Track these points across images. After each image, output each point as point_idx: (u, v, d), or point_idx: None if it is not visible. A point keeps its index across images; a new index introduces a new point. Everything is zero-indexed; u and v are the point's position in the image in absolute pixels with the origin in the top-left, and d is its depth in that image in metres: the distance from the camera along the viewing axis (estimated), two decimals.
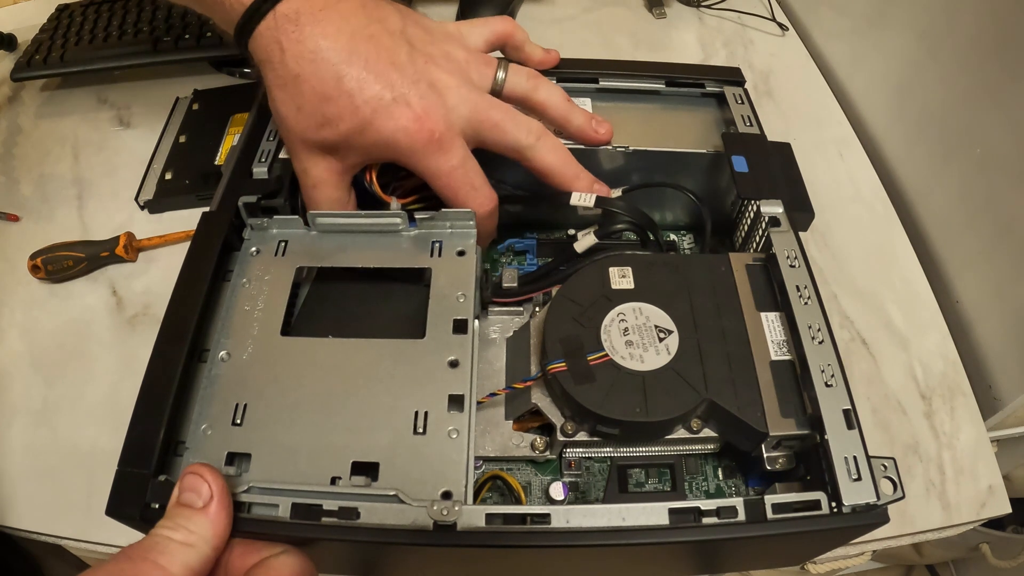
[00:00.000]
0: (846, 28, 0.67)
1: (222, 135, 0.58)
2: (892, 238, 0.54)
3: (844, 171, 0.58)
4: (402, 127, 0.35)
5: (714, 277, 0.37)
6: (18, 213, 0.56)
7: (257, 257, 0.38)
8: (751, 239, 0.41)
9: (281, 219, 0.38)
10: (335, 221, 0.38)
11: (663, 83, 0.46)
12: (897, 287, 0.51)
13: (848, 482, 0.29)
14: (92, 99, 0.65)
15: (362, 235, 0.38)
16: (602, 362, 0.34)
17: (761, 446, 0.33)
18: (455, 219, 0.38)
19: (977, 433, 0.45)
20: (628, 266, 0.37)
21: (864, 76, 0.64)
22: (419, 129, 0.35)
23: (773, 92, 0.64)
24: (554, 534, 0.29)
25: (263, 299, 0.36)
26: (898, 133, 0.60)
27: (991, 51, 0.49)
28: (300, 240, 0.38)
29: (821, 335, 0.33)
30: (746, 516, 0.29)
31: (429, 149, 0.36)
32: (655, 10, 0.72)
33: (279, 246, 0.38)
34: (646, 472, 0.37)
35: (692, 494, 0.37)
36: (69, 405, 0.45)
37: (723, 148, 0.42)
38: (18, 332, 0.49)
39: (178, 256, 0.36)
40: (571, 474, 0.37)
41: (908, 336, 0.49)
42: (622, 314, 0.36)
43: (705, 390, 0.33)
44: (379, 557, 0.33)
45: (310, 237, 0.38)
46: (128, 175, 0.57)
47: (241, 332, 0.35)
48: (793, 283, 0.35)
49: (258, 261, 0.38)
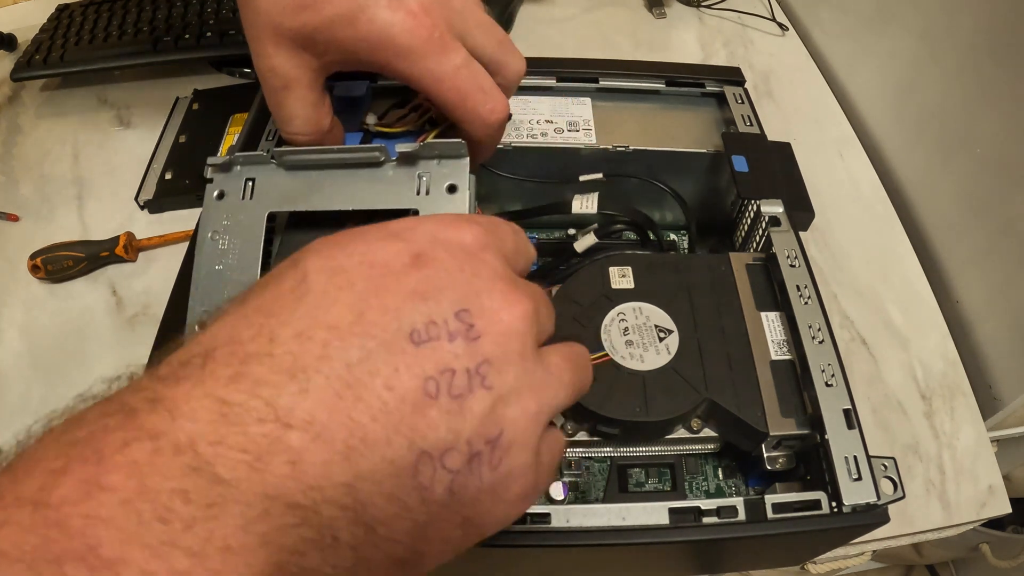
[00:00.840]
0: (846, 28, 0.67)
1: (222, 135, 0.58)
2: (892, 238, 0.54)
3: (844, 171, 0.58)
4: (400, 20, 0.30)
5: (714, 277, 0.37)
6: (18, 213, 0.56)
7: (223, 202, 0.33)
8: (751, 239, 0.41)
9: (245, 155, 0.34)
10: (305, 158, 0.33)
11: (663, 83, 0.46)
12: (897, 287, 0.51)
13: (848, 482, 0.29)
14: (92, 99, 0.65)
15: (339, 171, 0.33)
16: (602, 362, 0.34)
17: (761, 446, 0.33)
18: (444, 151, 0.33)
19: (977, 433, 0.45)
20: (628, 266, 0.37)
21: (864, 76, 0.64)
22: (419, 25, 0.30)
23: (773, 92, 0.64)
24: (554, 534, 0.29)
25: (234, 255, 0.33)
26: (898, 133, 0.60)
27: (991, 51, 0.49)
28: (269, 179, 0.33)
29: (821, 335, 0.33)
30: (746, 516, 0.29)
31: (430, 48, 0.31)
32: (655, 10, 0.72)
33: (246, 186, 0.33)
34: (646, 472, 0.37)
35: (692, 494, 0.37)
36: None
37: (723, 148, 0.42)
38: (18, 332, 0.49)
39: (178, 256, 0.36)
40: (571, 474, 0.37)
41: (908, 336, 0.49)
42: (622, 314, 0.36)
43: (705, 390, 0.33)
44: None
45: (280, 175, 0.33)
46: (128, 175, 0.57)
47: (216, 296, 0.32)
48: (793, 283, 0.35)
49: (224, 207, 0.33)
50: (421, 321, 0.20)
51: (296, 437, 0.17)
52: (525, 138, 0.43)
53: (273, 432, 0.17)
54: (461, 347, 0.20)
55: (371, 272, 0.20)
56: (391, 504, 0.18)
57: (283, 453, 0.17)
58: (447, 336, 0.20)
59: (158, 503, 0.15)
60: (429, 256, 0.21)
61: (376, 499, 0.18)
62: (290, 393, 0.18)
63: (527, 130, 0.44)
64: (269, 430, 0.17)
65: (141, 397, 0.17)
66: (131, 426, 0.17)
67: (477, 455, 0.20)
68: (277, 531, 0.17)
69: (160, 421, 0.17)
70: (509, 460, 0.21)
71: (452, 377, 0.20)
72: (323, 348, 0.18)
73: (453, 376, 0.20)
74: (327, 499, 0.17)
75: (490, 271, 0.22)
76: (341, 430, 0.18)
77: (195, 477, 0.16)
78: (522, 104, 0.45)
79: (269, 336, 0.19)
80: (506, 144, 0.42)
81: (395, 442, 0.18)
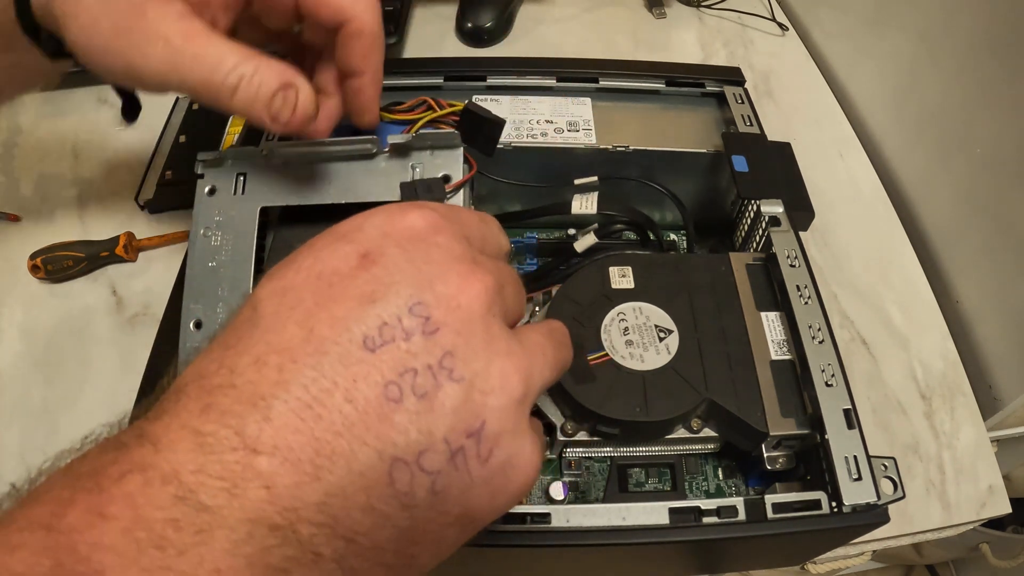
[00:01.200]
0: (846, 28, 0.67)
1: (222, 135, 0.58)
2: (892, 238, 0.54)
3: (844, 171, 0.58)
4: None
5: (714, 277, 0.37)
6: (18, 213, 0.56)
7: (214, 198, 0.33)
8: (751, 239, 0.41)
9: (236, 149, 0.34)
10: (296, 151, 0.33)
11: (663, 83, 0.46)
12: (897, 287, 0.51)
13: (848, 482, 0.29)
14: (92, 99, 0.65)
15: (331, 164, 0.33)
16: (602, 362, 0.34)
17: (761, 446, 0.33)
18: (436, 141, 0.33)
19: (977, 433, 0.45)
20: (628, 266, 0.37)
21: (864, 76, 0.64)
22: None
23: (773, 92, 0.64)
24: (554, 533, 0.29)
25: (227, 251, 0.32)
26: (898, 133, 0.60)
27: (991, 51, 0.49)
28: (261, 174, 0.33)
29: (821, 335, 0.33)
30: (746, 516, 0.29)
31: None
32: (655, 10, 0.72)
33: (237, 181, 0.33)
34: (646, 472, 0.37)
35: (692, 494, 0.37)
36: (69, 405, 0.45)
37: (723, 148, 0.42)
38: (18, 332, 0.49)
39: (178, 256, 0.36)
40: (571, 474, 0.37)
41: (908, 336, 0.49)
42: (622, 314, 0.36)
43: (705, 390, 0.33)
44: None
45: (271, 170, 0.33)
46: (128, 175, 0.57)
47: (210, 294, 0.32)
48: (793, 283, 0.35)
49: (215, 203, 0.33)
50: (373, 325, 0.19)
51: (265, 462, 0.17)
52: (525, 138, 0.43)
53: (244, 459, 0.17)
54: (419, 344, 0.19)
55: (319, 284, 0.20)
56: (368, 515, 0.18)
57: (256, 479, 0.17)
58: (402, 336, 0.19)
59: (153, 532, 0.16)
60: (376, 253, 0.20)
61: (352, 512, 0.18)
62: (255, 421, 0.18)
63: (527, 130, 0.44)
64: (240, 457, 0.17)
65: (131, 434, 0.18)
66: (124, 460, 0.17)
67: (460, 451, 0.19)
68: (261, 552, 0.17)
69: (147, 454, 0.17)
70: (501, 450, 0.20)
71: (414, 377, 0.19)
72: (278, 372, 0.18)
73: (415, 376, 0.19)
74: (302, 519, 0.17)
75: (443, 254, 0.21)
76: (307, 450, 0.18)
77: (182, 506, 0.17)
78: (522, 104, 0.45)
79: (230, 368, 0.19)
80: (506, 144, 0.42)
81: (362, 453, 0.18)
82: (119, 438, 0.18)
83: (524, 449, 0.20)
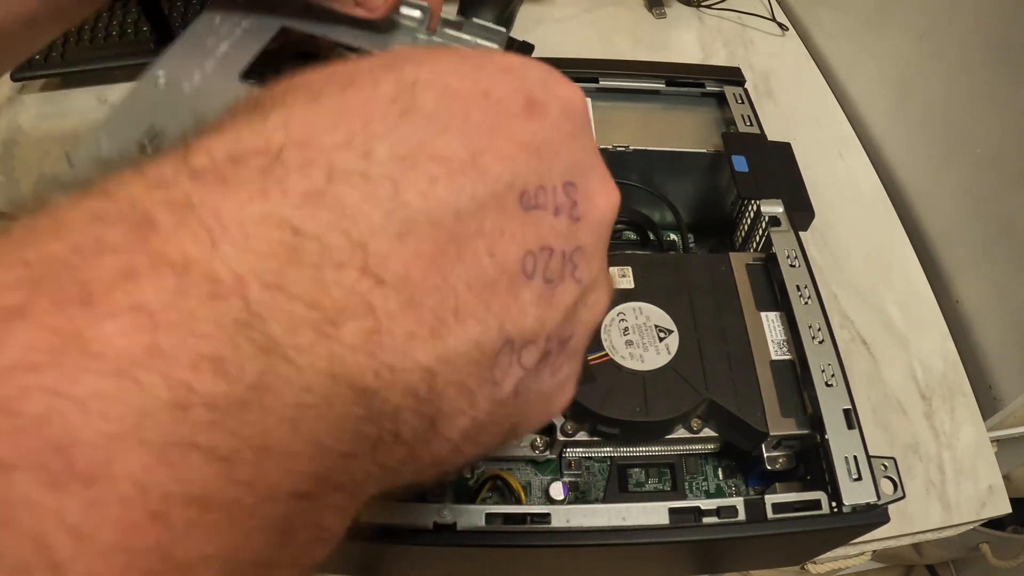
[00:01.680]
0: (846, 28, 0.67)
1: None
2: (892, 238, 0.54)
3: (844, 171, 0.58)
4: None
5: (714, 277, 0.37)
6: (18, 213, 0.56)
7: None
8: (751, 239, 0.41)
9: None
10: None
11: (663, 83, 0.46)
12: (897, 287, 0.51)
13: (848, 482, 0.29)
14: (92, 99, 0.65)
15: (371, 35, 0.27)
16: (602, 362, 0.34)
17: (761, 446, 0.33)
18: (484, 34, 0.29)
19: (977, 433, 0.45)
20: (628, 266, 0.37)
21: (864, 76, 0.64)
22: None
23: (773, 92, 0.64)
24: (554, 534, 0.29)
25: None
26: (898, 133, 0.60)
27: (991, 51, 0.49)
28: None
29: (821, 335, 0.33)
30: (746, 516, 0.29)
31: None
32: (655, 10, 0.72)
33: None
34: (646, 472, 0.37)
35: (692, 494, 0.37)
36: None
37: (723, 148, 0.42)
38: None
39: None
40: (571, 474, 0.37)
41: (908, 336, 0.49)
42: (622, 314, 0.36)
43: (705, 390, 0.33)
44: (379, 556, 0.33)
45: None
46: None
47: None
48: (793, 283, 0.35)
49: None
50: (533, 182, 0.15)
51: (383, 296, 0.13)
52: None
53: (356, 284, 0.12)
54: (563, 225, 0.16)
55: (486, 105, 0.16)
56: (461, 398, 0.15)
57: (363, 316, 0.12)
58: (553, 208, 0.16)
59: (174, 377, 0.10)
60: (543, 106, 0.17)
61: (450, 389, 0.14)
62: (386, 238, 0.13)
63: None
64: (351, 280, 0.12)
65: (161, 197, 0.12)
66: (142, 246, 0.11)
67: (547, 356, 0.16)
68: (333, 428, 0.12)
69: (193, 242, 0.11)
70: (567, 368, 0.17)
71: (549, 257, 0.16)
72: (430, 184, 0.14)
73: (550, 256, 0.16)
74: (400, 384, 0.13)
75: (594, 147, 0.18)
76: (434, 295, 0.13)
77: (238, 337, 0.11)
78: None
79: (363, 149, 0.13)
80: None
81: (487, 321, 0.14)
82: (134, 198, 0.12)
83: (572, 381, 0.18)
